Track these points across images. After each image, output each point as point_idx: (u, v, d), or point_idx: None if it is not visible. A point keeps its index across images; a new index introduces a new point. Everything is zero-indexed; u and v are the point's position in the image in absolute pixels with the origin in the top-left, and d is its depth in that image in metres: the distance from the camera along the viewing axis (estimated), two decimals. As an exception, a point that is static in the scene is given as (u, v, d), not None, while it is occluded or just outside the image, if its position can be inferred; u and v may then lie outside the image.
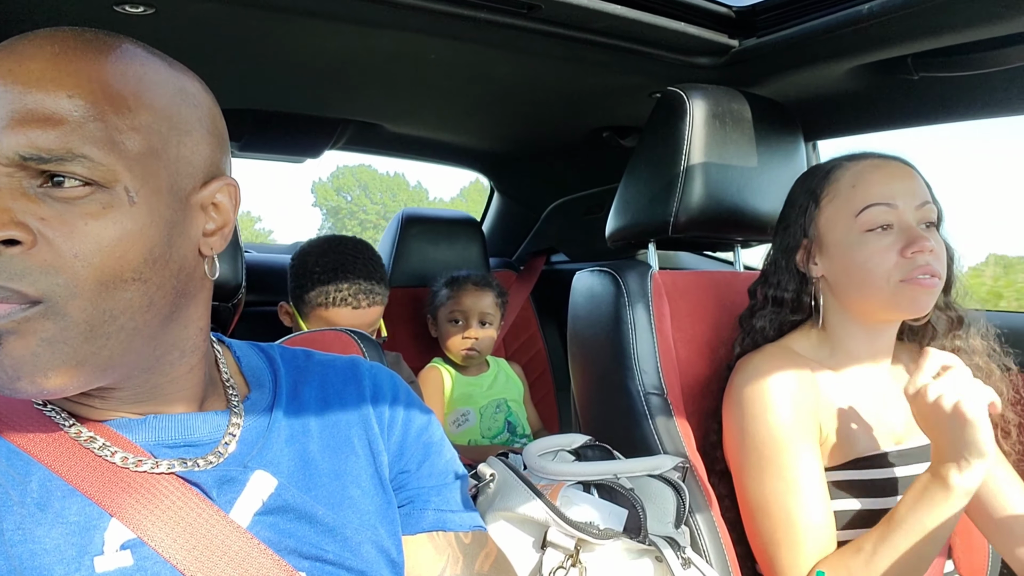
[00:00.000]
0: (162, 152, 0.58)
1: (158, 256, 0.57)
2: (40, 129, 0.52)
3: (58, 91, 0.53)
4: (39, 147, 0.52)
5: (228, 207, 0.64)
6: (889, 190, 1.09)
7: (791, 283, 1.18)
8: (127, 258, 0.55)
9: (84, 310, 0.54)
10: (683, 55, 1.44)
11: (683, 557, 0.97)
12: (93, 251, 0.53)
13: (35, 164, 0.52)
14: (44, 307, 0.53)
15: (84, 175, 0.53)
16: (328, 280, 1.62)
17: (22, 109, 0.52)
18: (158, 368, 0.62)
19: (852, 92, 1.47)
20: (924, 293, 1.06)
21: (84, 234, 0.53)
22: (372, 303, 1.65)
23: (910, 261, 1.05)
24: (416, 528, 0.75)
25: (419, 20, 1.23)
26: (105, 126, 0.54)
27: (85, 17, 1.21)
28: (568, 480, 1.00)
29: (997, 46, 1.20)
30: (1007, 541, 1.11)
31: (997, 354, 1.20)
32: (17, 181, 0.53)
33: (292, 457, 0.68)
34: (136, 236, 0.55)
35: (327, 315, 1.63)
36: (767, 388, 1.10)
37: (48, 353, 0.53)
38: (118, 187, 0.55)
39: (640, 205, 1.38)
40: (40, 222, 0.53)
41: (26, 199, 0.53)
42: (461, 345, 1.98)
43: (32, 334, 0.53)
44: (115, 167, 0.54)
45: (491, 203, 2.69)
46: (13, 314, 0.52)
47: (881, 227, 1.08)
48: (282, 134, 2.01)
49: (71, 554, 0.56)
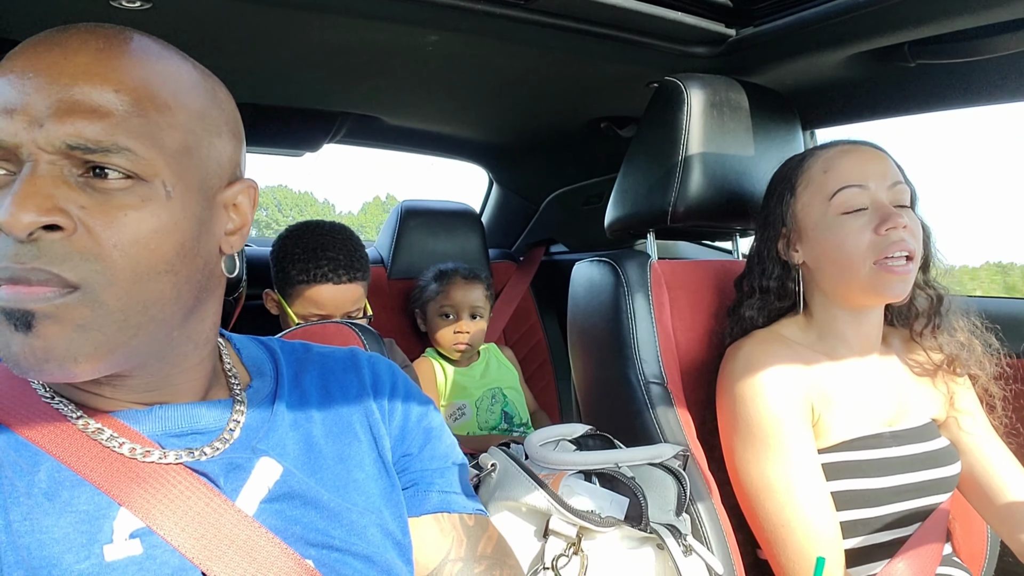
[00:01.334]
0: (195, 151, 0.60)
1: (188, 250, 0.59)
2: (87, 120, 0.54)
3: (104, 85, 0.55)
4: (86, 138, 0.54)
5: (247, 208, 0.66)
6: (860, 172, 1.11)
7: (775, 271, 1.20)
8: (161, 250, 0.57)
9: (119, 298, 0.55)
10: (680, 44, 1.44)
11: (684, 544, 0.98)
12: (131, 241, 0.55)
13: (81, 154, 0.54)
14: (81, 293, 0.54)
15: (126, 167, 0.55)
16: (308, 259, 1.65)
17: (69, 100, 0.54)
18: (172, 359, 0.64)
19: (849, 80, 1.47)
20: (899, 280, 1.08)
21: (123, 224, 0.55)
22: (352, 278, 1.66)
23: (884, 238, 1.07)
24: (421, 510, 0.76)
25: (417, 12, 1.23)
26: (147, 122, 0.56)
27: (82, 11, 1.21)
28: (569, 469, 1.01)
29: (994, 33, 1.20)
30: (1007, 524, 1.12)
31: (979, 331, 1.21)
32: (60, 169, 0.54)
33: (297, 442, 0.70)
34: (171, 229, 0.57)
35: (310, 294, 1.64)
36: (757, 372, 1.11)
37: (81, 339, 0.54)
38: (156, 181, 0.56)
39: (639, 195, 1.38)
40: (81, 210, 0.54)
41: (68, 187, 0.54)
42: (453, 340, 1.98)
43: (68, 320, 0.54)
44: (156, 162, 0.56)
45: (490, 194, 2.69)
46: (52, 298, 0.53)
47: (855, 209, 1.10)
48: (280, 128, 2.00)
49: (80, 542, 0.57)
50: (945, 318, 1.20)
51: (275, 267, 1.72)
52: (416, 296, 2.07)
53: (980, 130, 48.11)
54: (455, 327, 1.98)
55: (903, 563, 1.11)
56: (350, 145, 2.31)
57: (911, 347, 1.24)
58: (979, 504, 1.17)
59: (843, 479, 1.10)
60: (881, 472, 1.11)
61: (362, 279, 1.70)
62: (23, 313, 0.53)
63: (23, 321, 0.53)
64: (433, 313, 2.00)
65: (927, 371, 1.22)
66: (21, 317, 0.53)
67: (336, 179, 39.03)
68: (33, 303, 0.53)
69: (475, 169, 2.59)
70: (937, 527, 1.14)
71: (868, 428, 1.14)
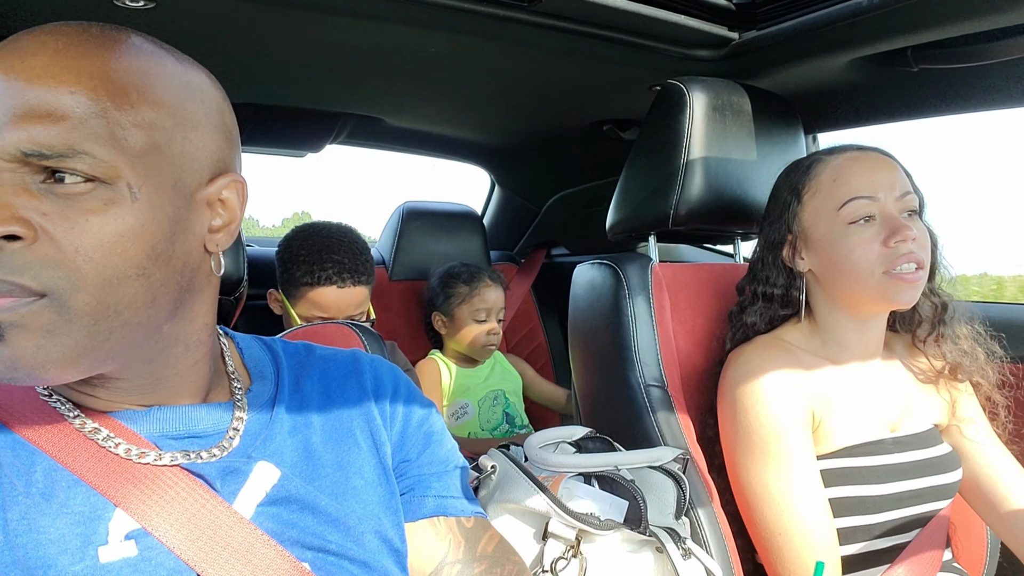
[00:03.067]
0: (166, 148, 0.57)
1: (160, 252, 0.57)
2: (42, 125, 0.52)
3: (59, 87, 0.53)
4: (41, 143, 0.52)
5: (235, 204, 0.64)
6: (869, 183, 1.10)
7: (779, 279, 1.19)
8: (129, 254, 0.55)
9: (87, 303, 0.54)
10: (683, 48, 1.43)
11: (683, 548, 0.97)
12: (94, 246, 0.53)
13: (36, 160, 0.52)
14: (48, 300, 0.53)
15: (86, 171, 0.53)
16: (313, 261, 1.65)
17: (24, 105, 0.52)
18: (161, 360, 0.63)
19: (852, 84, 1.46)
20: (908, 288, 1.07)
21: (85, 229, 0.53)
22: (357, 282, 1.66)
23: (893, 251, 1.07)
24: (417, 514, 0.76)
25: (419, 13, 1.23)
26: (107, 122, 0.54)
27: (85, 11, 1.21)
28: (569, 472, 1.01)
29: (997, 38, 1.20)
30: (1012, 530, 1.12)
31: (983, 338, 1.21)
32: (19, 177, 0.53)
33: (295, 448, 0.69)
34: (138, 232, 0.55)
35: (314, 296, 1.64)
36: (758, 379, 1.10)
37: (50, 345, 0.54)
38: (120, 183, 0.54)
39: (640, 198, 1.38)
40: (42, 217, 0.53)
41: (28, 195, 0.53)
42: (487, 341, 1.97)
43: (36, 327, 0.53)
44: (117, 163, 0.54)
45: (492, 196, 2.69)
46: (16, 307, 0.52)
47: (863, 219, 1.09)
48: (283, 128, 2.00)
49: (76, 544, 0.56)
50: (948, 326, 1.19)
51: (280, 267, 1.72)
52: (438, 298, 2.03)
53: (979, 133, 47.39)
54: (488, 328, 1.97)
55: (903, 569, 1.10)
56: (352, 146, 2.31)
57: (914, 352, 1.24)
58: (983, 510, 1.17)
59: (843, 485, 1.10)
60: (882, 479, 1.10)
61: (366, 283, 1.69)
62: None
63: None
64: (466, 316, 1.98)
65: (929, 378, 1.21)
66: None
67: (258, 194, 38.84)
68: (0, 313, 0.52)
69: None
70: (937, 533, 1.14)
71: (870, 434, 1.13)
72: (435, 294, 2.04)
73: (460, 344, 2.01)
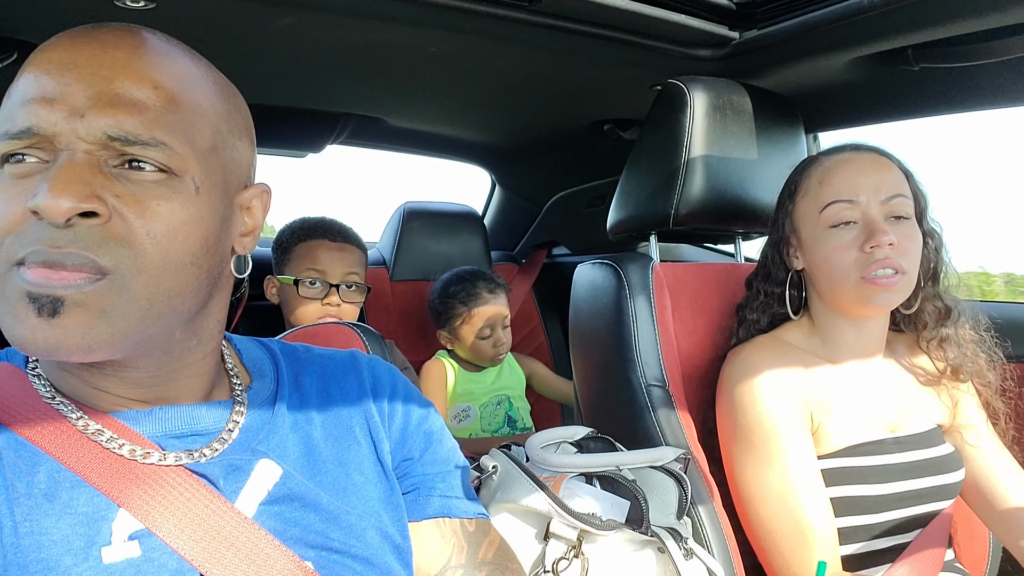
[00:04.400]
0: (221, 151, 0.62)
1: (210, 245, 0.60)
2: (127, 114, 0.55)
3: (143, 81, 0.57)
4: (127, 130, 0.55)
5: (259, 212, 0.68)
6: (852, 186, 1.10)
7: (779, 275, 1.20)
8: (189, 242, 0.58)
9: (147, 286, 0.56)
10: (684, 47, 1.43)
11: (685, 548, 0.97)
12: (162, 231, 0.56)
13: (120, 145, 0.55)
14: (111, 279, 0.55)
15: (162, 161, 0.57)
16: (304, 227, 1.74)
17: (110, 92, 0.55)
18: (176, 352, 0.64)
19: (853, 83, 1.46)
20: (883, 292, 1.07)
21: (156, 213, 0.56)
22: (347, 241, 1.72)
23: (868, 256, 1.06)
24: (422, 514, 0.76)
25: (420, 13, 1.23)
26: (182, 119, 0.58)
27: (86, 10, 1.21)
28: (570, 472, 1.00)
29: (998, 36, 1.19)
30: (1012, 533, 1.12)
31: (986, 343, 1.20)
32: (97, 159, 0.56)
33: (297, 444, 0.70)
34: (198, 223, 0.59)
35: (307, 250, 1.69)
36: (755, 378, 1.11)
37: (101, 326, 0.55)
38: (187, 177, 0.58)
39: (641, 198, 1.38)
40: (116, 199, 0.55)
41: (103, 177, 0.55)
42: (495, 352, 1.97)
43: (95, 306, 0.54)
44: (188, 158, 0.58)
45: (492, 197, 2.69)
46: (83, 285, 0.54)
47: (843, 223, 1.09)
48: (284, 128, 2.00)
49: (79, 545, 0.56)
50: (952, 329, 1.19)
51: (276, 252, 1.77)
52: (439, 318, 2.01)
53: (978, 131, 47.19)
54: (493, 341, 1.97)
55: (904, 568, 1.10)
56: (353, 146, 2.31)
57: (916, 353, 1.23)
58: (983, 512, 1.17)
59: (844, 485, 1.10)
60: (882, 478, 1.10)
61: (357, 246, 1.75)
62: (51, 299, 0.53)
63: (49, 307, 0.53)
64: (469, 334, 1.96)
65: (932, 379, 1.21)
66: (48, 303, 0.53)
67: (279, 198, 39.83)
68: (63, 289, 0.53)
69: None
70: (939, 533, 1.14)
71: (870, 434, 1.13)
72: (436, 313, 2.01)
73: (469, 355, 2.00)
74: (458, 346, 2.00)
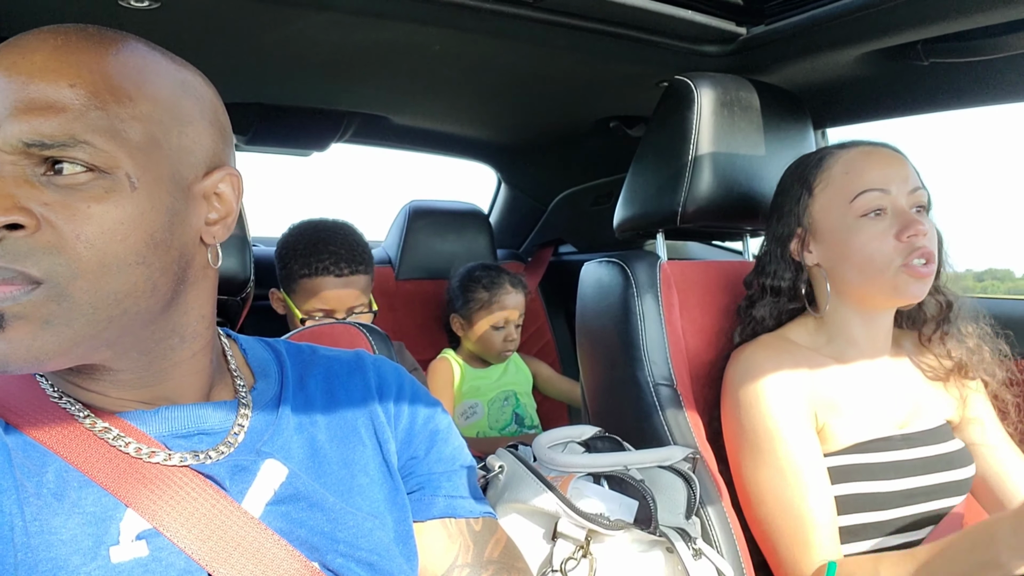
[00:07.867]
0: (163, 141, 0.59)
1: (160, 241, 0.58)
2: (43, 117, 0.54)
3: (60, 81, 0.55)
4: (42, 133, 0.53)
5: (231, 197, 0.65)
6: (882, 176, 1.10)
7: (787, 272, 1.19)
8: (129, 241, 0.56)
9: (87, 291, 0.55)
10: (690, 43, 1.43)
11: (694, 548, 0.97)
12: (95, 233, 0.55)
13: (38, 150, 0.54)
14: (47, 287, 0.54)
15: (86, 160, 0.55)
16: (310, 253, 1.66)
17: (25, 98, 0.54)
18: (158, 352, 0.63)
19: (861, 79, 1.45)
20: (919, 282, 1.08)
21: (87, 216, 0.54)
22: (354, 271, 1.66)
23: (907, 244, 1.07)
24: (427, 514, 0.76)
25: (424, 11, 1.23)
26: (106, 115, 0.56)
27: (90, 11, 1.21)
28: (578, 472, 1.00)
29: (1008, 31, 1.19)
30: None
31: (989, 337, 1.20)
32: (21, 169, 0.54)
33: (301, 445, 0.69)
34: (138, 220, 0.57)
35: (312, 286, 1.64)
36: (759, 378, 1.10)
37: (46, 336, 0.54)
38: (119, 173, 0.56)
39: (648, 195, 1.37)
40: (43, 207, 0.54)
41: (29, 186, 0.54)
42: (504, 347, 1.97)
43: (35, 317, 0.54)
44: (116, 154, 0.56)
45: (498, 195, 2.69)
46: (18, 297, 0.53)
47: (875, 212, 1.09)
48: (288, 127, 2.00)
49: (87, 544, 0.56)
50: (954, 324, 1.19)
51: (279, 265, 1.73)
52: (457, 300, 2.01)
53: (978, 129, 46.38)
54: (505, 335, 1.96)
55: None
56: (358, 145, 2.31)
57: (922, 349, 1.23)
58: (993, 509, 1.16)
59: (853, 481, 1.09)
60: (892, 475, 1.10)
61: (364, 272, 1.70)
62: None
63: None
64: (484, 322, 1.96)
65: (939, 375, 1.21)
66: None
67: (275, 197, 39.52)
68: (1, 303, 0.53)
69: None
70: (951, 531, 1.13)
71: (878, 431, 1.13)
72: (455, 296, 2.02)
73: (476, 347, 2.00)
74: (468, 334, 2.00)
